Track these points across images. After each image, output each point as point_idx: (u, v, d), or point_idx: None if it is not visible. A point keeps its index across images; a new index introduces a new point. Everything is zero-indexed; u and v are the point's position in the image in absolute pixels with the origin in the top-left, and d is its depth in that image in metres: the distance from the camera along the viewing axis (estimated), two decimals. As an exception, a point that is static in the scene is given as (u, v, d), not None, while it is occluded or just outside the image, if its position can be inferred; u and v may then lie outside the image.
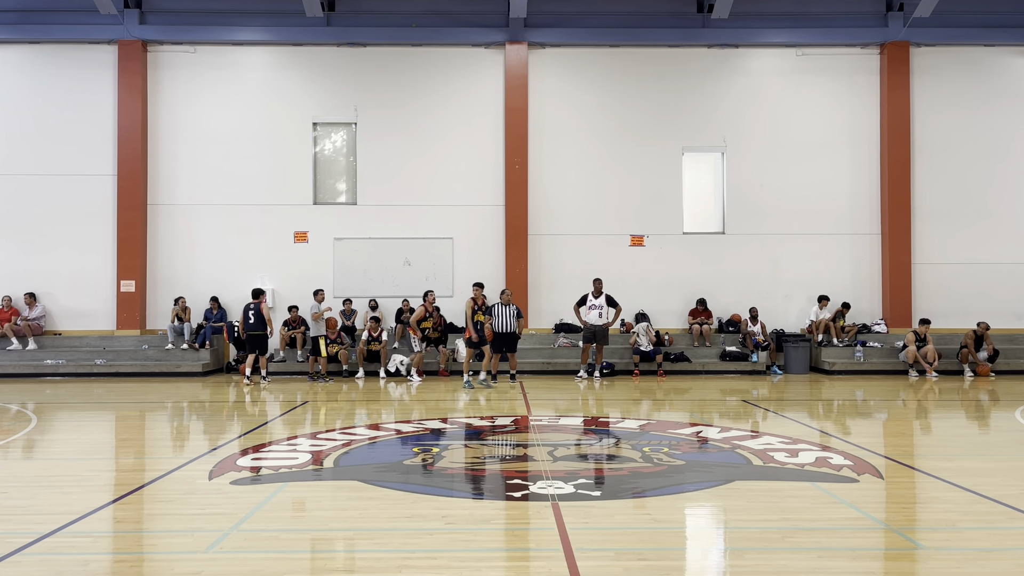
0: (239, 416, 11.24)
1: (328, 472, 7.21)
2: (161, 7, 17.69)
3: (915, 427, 10.45)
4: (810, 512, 5.80)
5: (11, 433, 9.55)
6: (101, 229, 17.52)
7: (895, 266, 17.67)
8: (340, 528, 5.47)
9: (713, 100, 18.09)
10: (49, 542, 5.07)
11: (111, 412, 11.83)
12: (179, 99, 17.81)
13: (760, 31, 17.87)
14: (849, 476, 6.85)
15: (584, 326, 15.44)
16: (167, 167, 17.76)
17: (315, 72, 17.99)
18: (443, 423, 9.92)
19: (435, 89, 17.95)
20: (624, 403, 12.30)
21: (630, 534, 5.34)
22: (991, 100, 18.02)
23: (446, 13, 17.81)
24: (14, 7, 17.44)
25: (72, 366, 16.30)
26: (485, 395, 13.10)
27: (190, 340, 16.79)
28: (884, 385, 14.69)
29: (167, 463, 7.63)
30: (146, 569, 4.74)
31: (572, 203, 17.92)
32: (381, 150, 17.86)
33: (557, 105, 17.99)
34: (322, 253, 17.75)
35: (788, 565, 4.64)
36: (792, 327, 17.74)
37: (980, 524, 5.54)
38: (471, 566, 4.62)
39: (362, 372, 16.12)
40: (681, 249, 17.88)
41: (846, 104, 18.10)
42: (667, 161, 18.01)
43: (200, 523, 5.52)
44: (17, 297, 17.31)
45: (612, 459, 7.89)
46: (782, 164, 17.98)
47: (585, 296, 15.52)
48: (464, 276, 17.79)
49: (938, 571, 4.63)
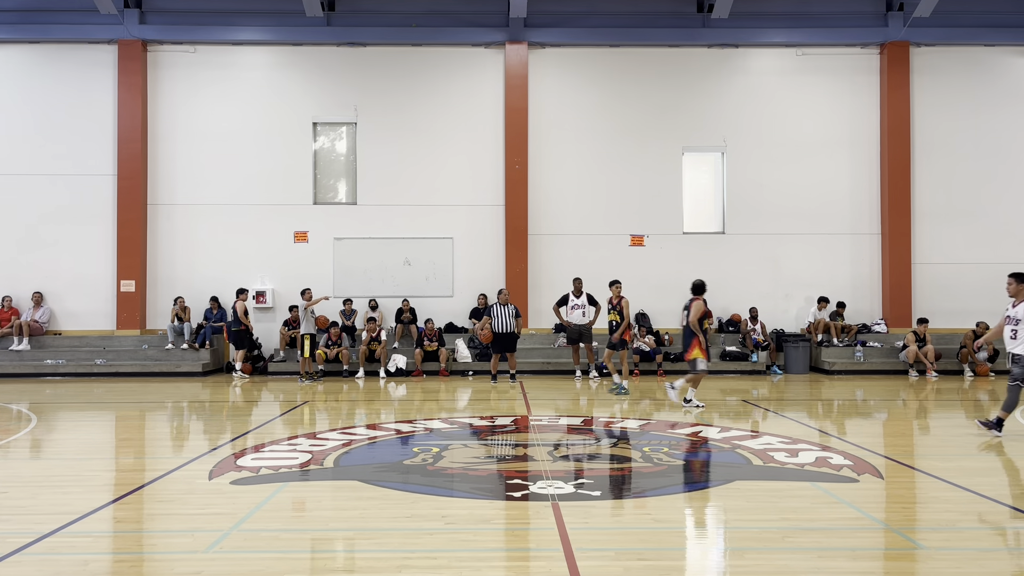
0: (239, 416, 11.24)
1: (328, 472, 7.21)
2: (161, 7, 17.69)
3: (915, 427, 10.45)
4: (810, 512, 5.80)
5: (11, 433, 9.55)
6: (101, 229, 17.52)
7: (895, 266, 17.67)
8: (340, 528, 5.47)
9: (713, 100, 18.09)
10: (49, 542, 5.07)
11: (111, 412, 11.83)
12: (179, 99, 17.82)
13: (760, 31, 17.88)
14: (849, 476, 6.85)
15: (568, 326, 15.41)
16: (167, 167, 17.76)
17: (315, 72, 17.99)
18: (443, 423, 9.92)
19: (435, 89, 17.95)
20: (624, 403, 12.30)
21: (630, 534, 5.35)
22: (991, 100, 18.02)
23: (446, 13, 17.81)
24: (14, 7, 17.44)
25: (72, 366, 16.30)
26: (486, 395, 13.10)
27: (190, 340, 16.79)
28: (884, 385, 14.70)
29: (167, 463, 7.63)
30: (146, 569, 4.74)
31: (572, 203, 17.92)
32: (381, 150, 17.87)
33: (557, 105, 17.99)
34: (322, 253, 17.75)
35: (788, 565, 4.65)
36: (792, 327, 17.75)
37: (980, 524, 5.54)
38: (471, 566, 4.62)
39: (362, 372, 16.13)
40: (681, 249, 17.88)
41: (846, 104, 18.11)
42: (667, 161, 18.02)
43: (200, 523, 5.52)
44: (17, 297, 17.31)
45: (612, 459, 7.89)
46: (782, 164, 17.99)
47: (566, 296, 15.45)
48: (464, 276, 17.82)
49: (938, 571, 4.63)
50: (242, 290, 15.87)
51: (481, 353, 16.60)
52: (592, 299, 15.30)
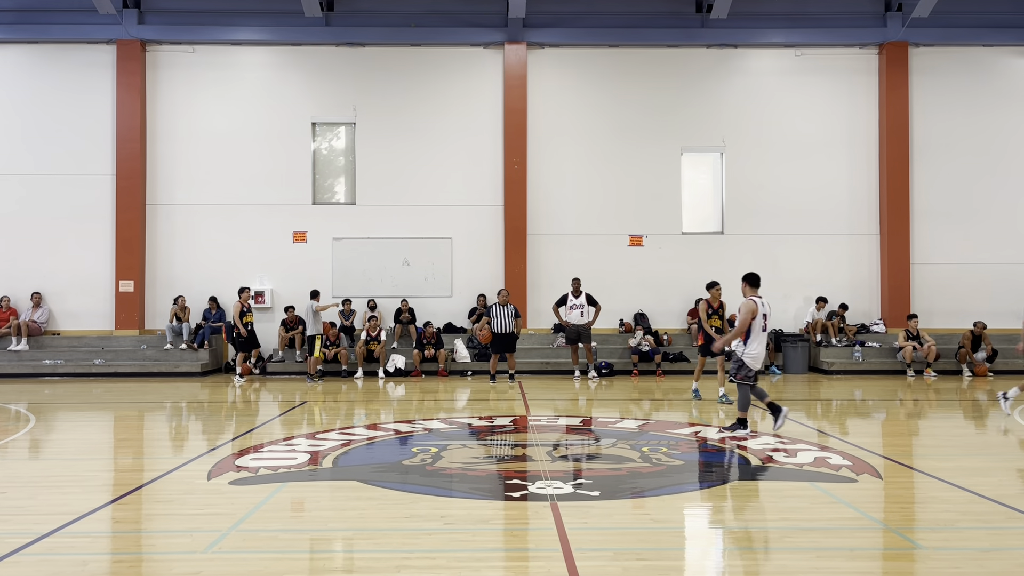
0: (238, 416, 11.24)
1: (327, 472, 7.21)
2: (160, 7, 17.68)
3: (913, 427, 10.45)
4: (809, 512, 5.80)
5: (10, 433, 9.54)
6: (100, 229, 17.51)
7: (893, 266, 17.68)
8: (339, 528, 5.47)
9: (712, 100, 18.09)
10: (48, 542, 5.06)
11: (110, 412, 11.83)
12: (178, 99, 17.80)
13: (759, 31, 17.88)
14: (848, 476, 6.85)
15: (567, 326, 15.42)
16: (166, 167, 17.75)
17: (314, 72, 17.98)
18: (442, 423, 9.92)
19: (434, 89, 17.94)
20: (623, 403, 12.31)
21: (629, 534, 5.34)
22: (990, 100, 18.03)
23: (445, 13, 17.81)
24: (12, 7, 17.43)
25: (71, 366, 16.29)
26: (485, 395, 13.10)
27: (189, 340, 16.78)
28: (883, 385, 14.70)
29: (166, 463, 7.62)
30: (145, 569, 4.74)
31: (571, 203, 17.92)
32: (380, 150, 17.86)
33: (556, 105, 17.99)
34: (321, 253, 17.74)
35: (787, 565, 4.65)
36: (791, 327, 17.76)
37: (978, 524, 5.54)
38: (470, 566, 4.62)
39: (361, 372, 16.12)
40: (680, 249, 17.88)
41: (845, 104, 18.11)
42: (666, 161, 18.02)
43: (199, 523, 5.51)
44: (16, 297, 17.30)
45: (611, 459, 7.89)
46: (781, 164, 17.99)
47: (565, 296, 15.48)
48: (463, 276, 17.82)
49: (936, 571, 4.63)
50: (243, 289, 15.56)
51: (480, 353, 16.60)
52: (591, 299, 15.31)
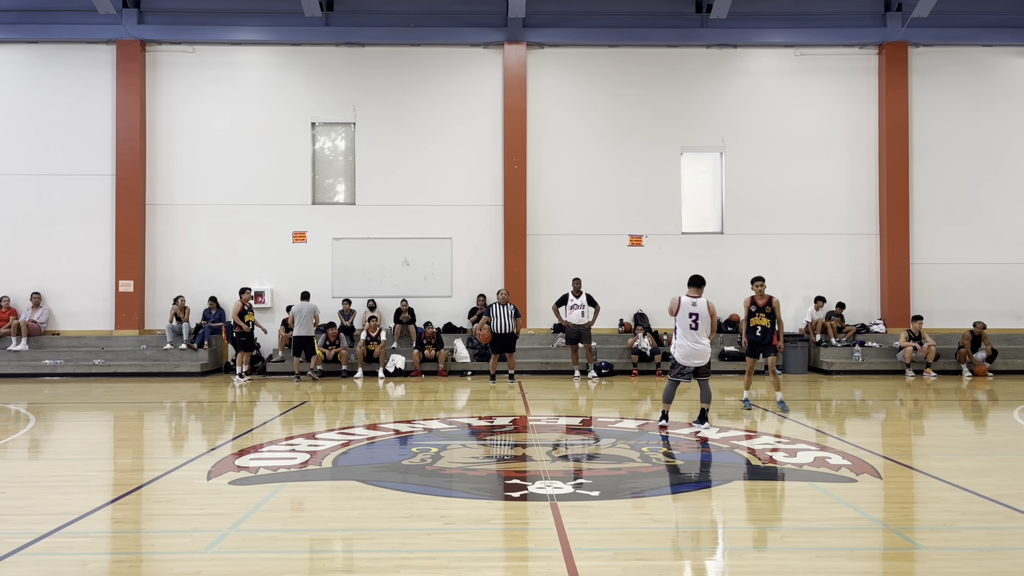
0: (237, 416, 11.24)
1: (327, 472, 7.21)
2: (159, 7, 17.68)
3: (913, 427, 10.45)
4: (808, 512, 5.80)
5: (10, 433, 9.54)
6: (100, 229, 17.51)
7: (893, 266, 17.68)
8: (339, 528, 5.47)
9: (712, 100, 18.09)
10: (47, 542, 5.06)
11: (109, 412, 11.82)
12: (178, 99, 17.80)
13: (759, 31, 17.88)
14: (847, 476, 6.85)
15: (567, 326, 15.44)
16: (166, 167, 17.75)
17: (314, 72, 17.98)
18: (442, 423, 9.92)
19: (434, 89, 17.94)
20: (623, 403, 12.31)
21: (629, 534, 5.34)
22: (990, 100, 18.03)
23: (445, 13, 17.81)
24: (12, 7, 17.42)
25: (71, 366, 16.28)
26: (485, 395, 13.10)
27: (188, 340, 16.77)
28: (882, 385, 14.70)
29: (165, 463, 7.62)
30: (144, 569, 4.74)
31: (571, 203, 17.92)
32: (380, 150, 17.86)
33: (556, 105, 17.99)
34: (321, 253, 17.74)
35: (786, 565, 4.65)
36: (790, 327, 17.75)
37: (978, 524, 5.54)
38: (470, 566, 4.62)
39: (361, 372, 16.12)
40: (680, 249, 17.88)
41: (845, 104, 18.11)
42: (666, 161, 18.02)
43: (199, 523, 5.51)
44: (16, 297, 17.30)
45: (611, 459, 7.88)
46: (780, 164, 17.99)
47: (565, 296, 15.50)
48: (463, 276, 17.82)
49: (936, 571, 4.63)
50: (244, 289, 15.50)
51: (480, 353, 16.59)
52: (591, 299, 15.32)
